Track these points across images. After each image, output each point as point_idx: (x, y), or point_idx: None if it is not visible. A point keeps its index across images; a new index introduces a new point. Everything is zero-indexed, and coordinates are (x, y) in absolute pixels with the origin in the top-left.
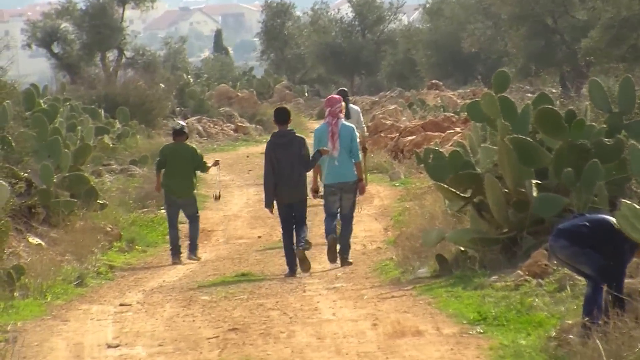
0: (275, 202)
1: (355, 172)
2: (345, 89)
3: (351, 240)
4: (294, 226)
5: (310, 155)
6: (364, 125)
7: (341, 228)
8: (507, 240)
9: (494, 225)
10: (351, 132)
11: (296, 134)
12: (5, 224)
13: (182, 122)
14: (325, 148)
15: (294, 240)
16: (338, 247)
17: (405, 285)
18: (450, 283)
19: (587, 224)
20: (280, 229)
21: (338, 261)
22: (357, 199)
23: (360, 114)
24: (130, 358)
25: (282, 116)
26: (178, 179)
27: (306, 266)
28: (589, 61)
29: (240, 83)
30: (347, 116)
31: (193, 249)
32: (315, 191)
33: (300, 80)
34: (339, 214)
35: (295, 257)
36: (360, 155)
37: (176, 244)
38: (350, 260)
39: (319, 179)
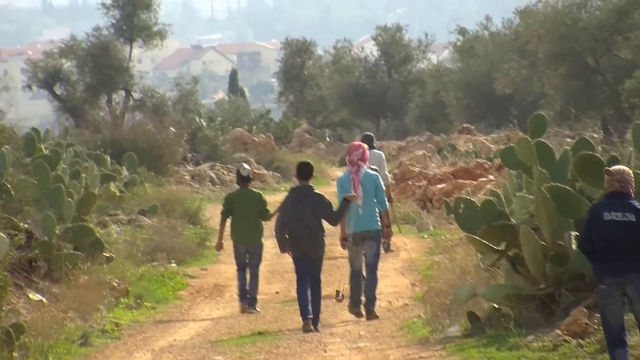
0: (290, 254)
1: (379, 221)
2: (371, 134)
3: (376, 293)
4: (309, 285)
5: (334, 205)
6: (386, 172)
7: (366, 278)
8: (545, 297)
9: (530, 281)
10: (375, 180)
11: (314, 191)
12: (4, 279)
13: (248, 167)
14: (350, 194)
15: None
16: (363, 299)
17: (435, 345)
18: (483, 343)
19: None
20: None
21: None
22: (381, 247)
23: (384, 161)
24: None
25: (305, 172)
26: (246, 225)
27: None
28: (633, 103)
29: (256, 127)
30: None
31: (252, 302)
32: (344, 239)
33: (321, 124)
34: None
35: (309, 300)
36: (388, 205)
37: (244, 288)
38: (377, 314)
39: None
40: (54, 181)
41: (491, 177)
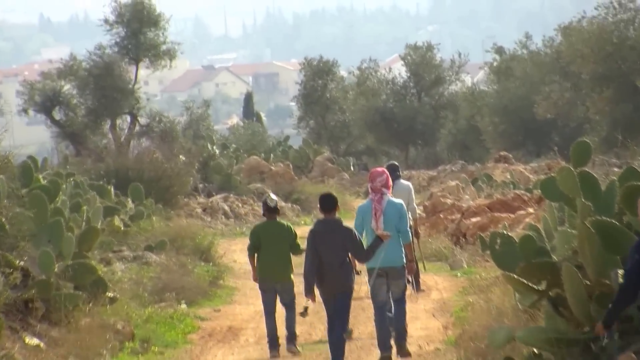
0: (319, 294)
1: (404, 256)
2: (396, 163)
3: (406, 339)
4: (335, 319)
5: (361, 240)
6: (415, 205)
7: (394, 311)
8: (589, 341)
9: (573, 323)
10: (399, 210)
11: (342, 225)
12: None
13: (276, 198)
14: (386, 232)
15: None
16: (392, 333)
17: None
18: None
19: None
20: (326, 324)
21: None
22: (410, 288)
23: (412, 192)
24: None
25: (328, 204)
26: (274, 261)
27: None
28: None
29: (274, 155)
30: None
31: (291, 339)
32: (358, 273)
33: (345, 152)
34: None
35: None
36: (415, 242)
37: (274, 334)
38: (409, 350)
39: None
40: (52, 214)
41: (530, 210)
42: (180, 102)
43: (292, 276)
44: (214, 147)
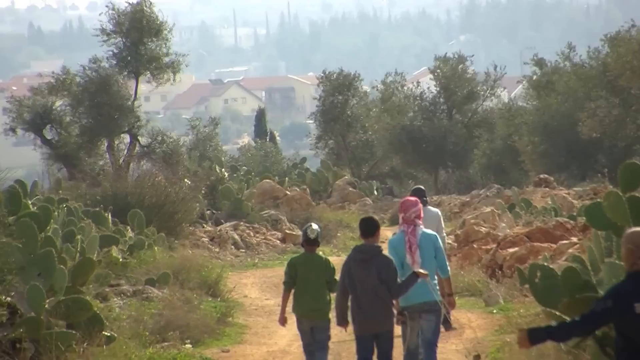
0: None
1: (439, 290)
2: (422, 188)
3: None
4: None
5: (397, 273)
6: (444, 234)
7: (424, 355)
8: None
9: None
10: (434, 242)
11: (382, 252)
12: None
13: (317, 228)
14: (423, 271)
15: None
16: None
17: None
18: None
19: None
20: None
21: None
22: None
23: (441, 220)
24: None
25: (369, 228)
26: (310, 297)
27: None
28: None
29: (289, 178)
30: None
31: None
32: (400, 313)
33: (368, 175)
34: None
35: None
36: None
37: None
38: None
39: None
40: (43, 244)
41: (574, 239)
42: (185, 119)
43: (329, 314)
44: (223, 170)
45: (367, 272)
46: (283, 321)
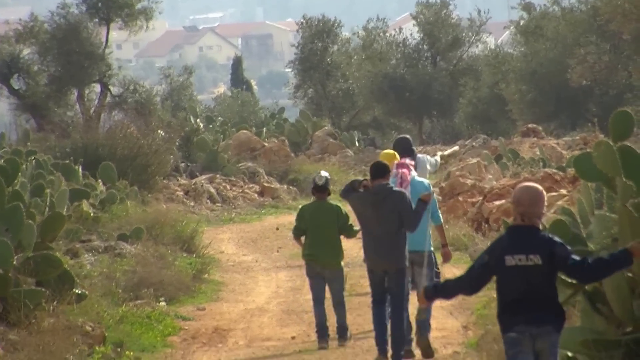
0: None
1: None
2: (407, 137)
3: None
4: (389, 305)
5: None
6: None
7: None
8: (632, 343)
9: (613, 323)
10: (427, 188)
11: (393, 189)
12: None
13: (326, 174)
14: (425, 193)
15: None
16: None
17: None
18: None
19: None
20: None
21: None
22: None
23: (427, 158)
24: None
25: (379, 169)
26: (322, 245)
27: None
28: None
29: (267, 129)
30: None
31: (343, 333)
32: None
33: (349, 126)
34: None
35: (388, 336)
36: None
37: (324, 323)
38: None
39: None
40: (10, 199)
41: (563, 191)
42: (159, 68)
43: (341, 262)
44: (198, 121)
45: (380, 212)
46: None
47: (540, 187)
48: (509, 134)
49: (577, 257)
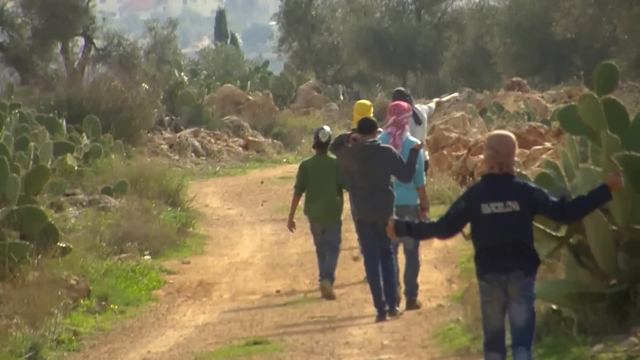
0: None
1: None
2: (403, 89)
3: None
4: (381, 259)
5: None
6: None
7: (406, 265)
8: (616, 296)
9: (597, 276)
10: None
11: (381, 145)
12: None
13: (328, 130)
14: (417, 142)
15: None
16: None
17: (477, 357)
18: (539, 354)
19: None
20: (362, 257)
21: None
22: None
23: (424, 109)
24: None
25: (368, 125)
26: (322, 200)
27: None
28: None
29: (251, 83)
30: (418, 121)
31: (330, 279)
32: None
33: (334, 79)
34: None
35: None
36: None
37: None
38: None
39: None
40: None
41: (548, 144)
42: (143, 21)
43: (341, 216)
44: (182, 74)
45: (368, 167)
46: (291, 226)
47: (513, 135)
48: (493, 87)
49: (555, 199)
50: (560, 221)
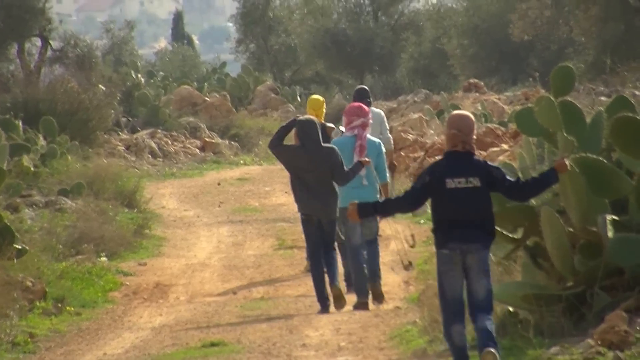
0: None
1: (379, 196)
2: (366, 87)
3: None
4: (323, 253)
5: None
6: (389, 135)
7: (368, 252)
8: (573, 298)
9: (554, 277)
10: (378, 147)
11: (322, 145)
12: None
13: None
14: (367, 158)
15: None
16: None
17: (434, 359)
18: None
19: None
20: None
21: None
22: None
23: (385, 120)
24: None
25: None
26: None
27: (342, 303)
28: None
29: (208, 84)
30: None
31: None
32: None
33: (291, 80)
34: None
35: (327, 290)
36: (388, 175)
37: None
38: (383, 292)
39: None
40: None
41: (505, 146)
42: (100, 23)
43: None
44: (139, 75)
45: (312, 165)
46: None
47: (472, 115)
48: (451, 89)
49: (511, 179)
50: (515, 199)
